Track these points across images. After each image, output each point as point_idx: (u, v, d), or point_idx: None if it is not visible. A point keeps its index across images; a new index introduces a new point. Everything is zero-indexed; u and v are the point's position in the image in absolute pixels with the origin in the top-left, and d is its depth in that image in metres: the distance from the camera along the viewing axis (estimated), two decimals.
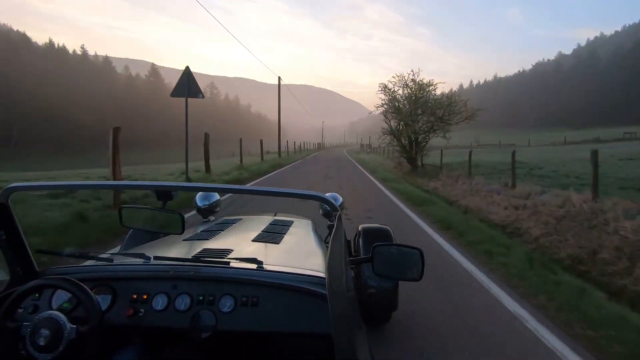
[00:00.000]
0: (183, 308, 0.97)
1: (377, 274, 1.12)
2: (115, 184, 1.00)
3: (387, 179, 11.53)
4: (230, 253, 1.20)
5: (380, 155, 25.82)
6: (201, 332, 0.95)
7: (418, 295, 2.54)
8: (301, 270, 1.08)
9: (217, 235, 1.56)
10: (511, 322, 2.41)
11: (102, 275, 1.06)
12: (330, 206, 1.05)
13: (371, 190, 9.33)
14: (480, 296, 2.82)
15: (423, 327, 2.28)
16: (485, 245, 3.98)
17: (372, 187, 10.04)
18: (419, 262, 1.11)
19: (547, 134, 64.67)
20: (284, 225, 1.84)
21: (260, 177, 11.98)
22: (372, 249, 1.12)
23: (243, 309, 0.98)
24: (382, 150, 24.68)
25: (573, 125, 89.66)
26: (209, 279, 1.02)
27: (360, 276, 1.90)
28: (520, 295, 2.81)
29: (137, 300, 1.00)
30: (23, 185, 1.01)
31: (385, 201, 7.63)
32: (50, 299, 0.99)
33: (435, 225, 5.16)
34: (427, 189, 9.36)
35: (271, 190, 1.04)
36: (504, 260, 3.52)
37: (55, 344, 0.82)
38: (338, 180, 10.99)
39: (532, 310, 2.54)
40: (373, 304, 1.91)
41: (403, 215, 6.07)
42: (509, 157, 8.66)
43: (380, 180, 11.42)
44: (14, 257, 1.03)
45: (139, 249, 1.38)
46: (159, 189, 1.35)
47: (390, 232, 2.07)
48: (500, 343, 2.16)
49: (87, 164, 26.22)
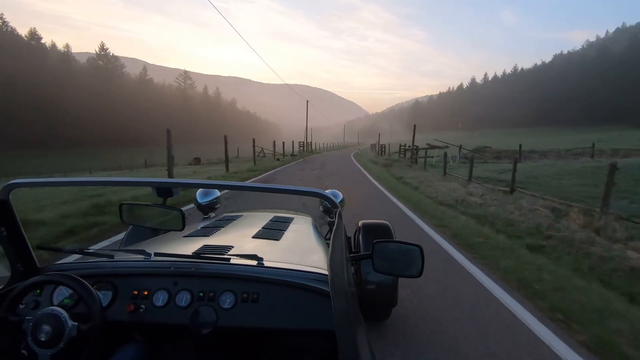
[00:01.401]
0: (184, 304, 0.98)
1: (377, 270, 1.11)
2: (117, 180, 0.97)
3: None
4: (231, 249, 1.20)
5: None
6: (202, 328, 0.95)
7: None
8: (301, 267, 1.08)
9: (218, 231, 1.56)
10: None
11: (103, 271, 1.06)
12: (330, 203, 1.05)
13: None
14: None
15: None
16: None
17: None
18: (419, 259, 1.10)
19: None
20: (284, 221, 1.83)
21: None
22: (372, 246, 1.11)
23: (243, 305, 0.98)
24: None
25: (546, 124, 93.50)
26: (210, 276, 1.02)
27: (360, 272, 1.89)
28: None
29: (137, 296, 1.00)
30: (24, 181, 1.00)
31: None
32: (52, 295, 0.99)
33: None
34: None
35: (272, 187, 1.04)
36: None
37: (56, 340, 0.83)
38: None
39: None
40: (372, 300, 1.90)
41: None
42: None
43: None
44: (15, 254, 1.03)
45: (140, 246, 1.38)
46: (160, 186, 1.35)
47: (390, 228, 2.05)
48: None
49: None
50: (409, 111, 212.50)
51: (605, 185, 5.22)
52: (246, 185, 1.03)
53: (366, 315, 1.94)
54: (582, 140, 31.48)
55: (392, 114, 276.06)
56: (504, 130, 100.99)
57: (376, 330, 2.17)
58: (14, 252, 1.03)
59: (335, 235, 0.79)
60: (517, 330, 2.24)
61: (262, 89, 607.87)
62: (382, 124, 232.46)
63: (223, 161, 13.85)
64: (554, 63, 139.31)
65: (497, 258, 3.52)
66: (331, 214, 2.34)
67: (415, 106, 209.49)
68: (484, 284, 2.93)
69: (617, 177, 5.39)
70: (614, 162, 5.50)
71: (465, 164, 15.78)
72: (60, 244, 3.77)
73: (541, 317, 2.41)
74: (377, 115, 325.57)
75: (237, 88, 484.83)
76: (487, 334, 2.17)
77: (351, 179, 11.24)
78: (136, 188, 6.75)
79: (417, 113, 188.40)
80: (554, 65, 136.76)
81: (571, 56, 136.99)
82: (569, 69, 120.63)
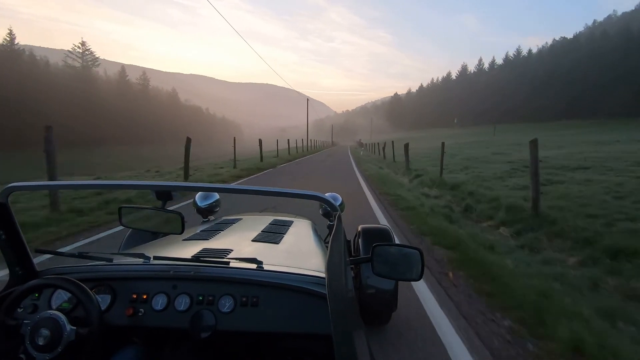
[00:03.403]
0: (183, 308, 0.97)
1: (377, 274, 1.10)
2: (116, 183, 0.93)
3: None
4: (230, 253, 1.20)
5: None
6: (201, 332, 0.95)
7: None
8: (301, 270, 1.07)
9: (217, 235, 1.55)
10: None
11: (102, 275, 1.06)
12: (329, 206, 1.04)
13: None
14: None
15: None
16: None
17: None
18: (419, 263, 1.09)
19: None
20: (283, 225, 1.83)
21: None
22: (372, 249, 1.11)
23: (243, 309, 0.97)
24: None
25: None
26: (209, 279, 1.02)
27: (360, 276, 1.88)
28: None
29: (136, 300, 0.99)
30: (22, 185, 0.99)
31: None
32: (50, 299, 0.98)
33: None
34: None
35: (271, 190, 1.03)
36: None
37: (55, 344, 0.82)
38: None
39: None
40: (372, 304, 1.89)
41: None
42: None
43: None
44: (14, 257, 1.02)
45: (139, 249, 1.37)
46: (159, 189, 1.33)
47: (390, 232, 2.04)
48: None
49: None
50: (388, 106, 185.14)
51: None
52: (245, 188, 1.02)
53: (366, 319, 1.94)
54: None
55: (363, 112, 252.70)
56: (523, 125, 78.76)
57: (376, 333, 2.16)
58: (13, 255, 1.02)
59: (334, 239, 0.79)
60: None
61: (225, 87, 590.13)
62: (357, 120, 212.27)
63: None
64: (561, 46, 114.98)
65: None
66: (331, 217, 2.31)
67: (393, 101, 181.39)
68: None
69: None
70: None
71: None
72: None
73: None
74: (348, 113, 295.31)
75: (198, 86, 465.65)
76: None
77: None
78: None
79: (396, 109, 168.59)
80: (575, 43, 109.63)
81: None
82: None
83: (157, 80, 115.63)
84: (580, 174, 8.89)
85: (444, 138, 13.14)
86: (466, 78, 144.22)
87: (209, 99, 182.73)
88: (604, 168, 9.59)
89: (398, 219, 5.45)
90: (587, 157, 12.46)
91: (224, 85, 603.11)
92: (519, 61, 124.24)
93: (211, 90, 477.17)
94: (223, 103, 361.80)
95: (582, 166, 10.22)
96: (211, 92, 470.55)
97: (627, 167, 9.33)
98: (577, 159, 12.08)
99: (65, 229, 4.49)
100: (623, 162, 10.33)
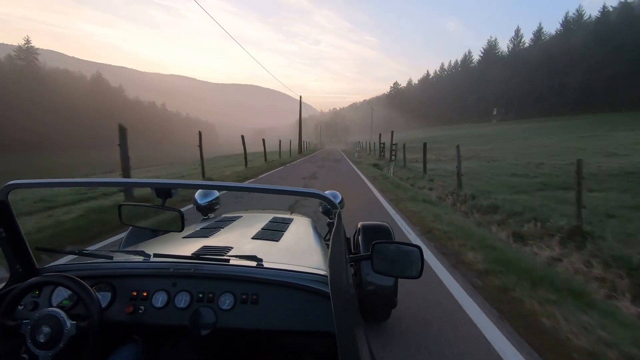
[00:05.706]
0: (183, 305, 0.98)
1: (377, 271, 1.11)
2: (117, 181, 0.92)
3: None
4: (230, 250, 1.20)
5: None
6: (201, 329, 0.95)
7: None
8: (301, 268, 1.07)
9: (217, 232, 1.55)
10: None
11: (102, 272, 1.06)
12: (329, 204, 1.04)
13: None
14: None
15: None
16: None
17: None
18: (418, 260, 1.10)
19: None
20: (283, 222, 1.83)
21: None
22: (372, 247, 1.11)
23: (243, 306, 0.98)
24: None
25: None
26: (209, 277, 1.02)
27: (360, 273, 1.88)
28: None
29: (137, 297, 1.00)
30: (22, 182, 0.99)
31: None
32: (50, 296, 0.98)
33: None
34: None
35: (271, 188, 1.03)
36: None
37: (56, 341, 0.83)
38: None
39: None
40: (372, 302, 1.89)
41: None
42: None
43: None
44: (14, 255, 1.02)
45: (139, 247, 1.37)
46: (159, 187, 1.32)
47: (389, 229, 2.04)
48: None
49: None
50: (385, 101, 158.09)
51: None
52: (245, 186, 1.02)
53: (365, 316, 1.95)
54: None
55: (353, 109, 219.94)
56: (603, 116, 53.70)
57: (376, 330, 2.17)
58: (13, 253, 1.02)
59: (334, 236, 0.79)
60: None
61: (207, 88, 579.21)
62: (349, 115, 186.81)
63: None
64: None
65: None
66: (331, 215, 2.31)
67: (395, 95, 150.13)
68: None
69: None
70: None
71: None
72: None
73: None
74: (336, 111, 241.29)
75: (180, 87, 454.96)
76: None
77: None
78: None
79: (396, 104, 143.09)
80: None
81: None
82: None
83: (131, 80, 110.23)
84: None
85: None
86: (496, 57, 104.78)
87: (185, 100, 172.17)
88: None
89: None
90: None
91: (206, 86, 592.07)
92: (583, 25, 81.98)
93: (192, 92, 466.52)
94: (201, 103, 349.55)
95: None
96: (192, 92, 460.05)
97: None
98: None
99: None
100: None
